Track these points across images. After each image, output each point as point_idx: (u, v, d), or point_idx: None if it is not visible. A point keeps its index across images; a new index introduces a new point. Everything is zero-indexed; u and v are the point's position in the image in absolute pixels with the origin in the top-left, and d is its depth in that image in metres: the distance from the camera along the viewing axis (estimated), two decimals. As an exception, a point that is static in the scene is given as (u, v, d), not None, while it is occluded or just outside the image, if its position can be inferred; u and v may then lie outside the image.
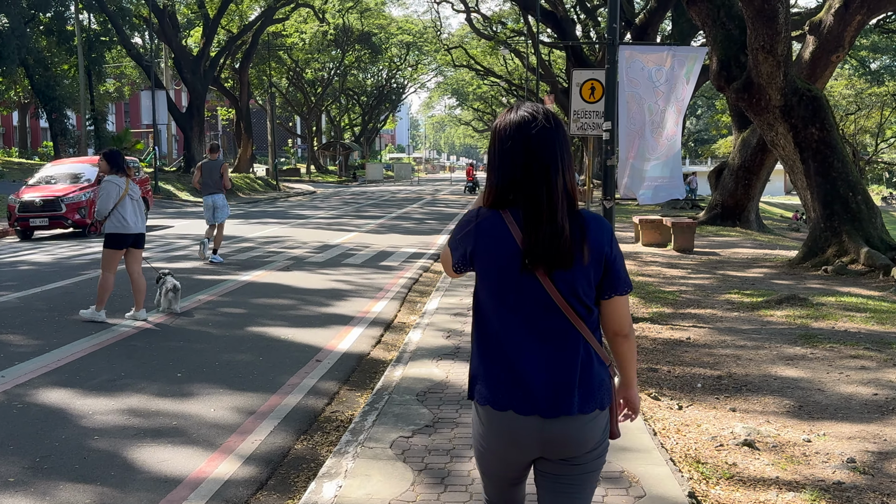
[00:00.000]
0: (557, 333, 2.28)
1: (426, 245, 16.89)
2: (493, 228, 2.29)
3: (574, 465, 2.32)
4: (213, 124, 74.68)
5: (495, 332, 2.31)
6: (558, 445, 2.28)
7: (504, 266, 2.27)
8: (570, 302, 2.27)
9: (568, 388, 2.25)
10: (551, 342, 2.28)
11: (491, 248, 2.28)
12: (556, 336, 2.28)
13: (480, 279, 2.34)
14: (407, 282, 11.78)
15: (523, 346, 2.28)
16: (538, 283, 2.26)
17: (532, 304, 2.28)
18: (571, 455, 2.30)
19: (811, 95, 13.29)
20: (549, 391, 2.25)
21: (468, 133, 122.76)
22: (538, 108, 2.32)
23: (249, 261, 13.68)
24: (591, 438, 2.29)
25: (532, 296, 2.27)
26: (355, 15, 57.97)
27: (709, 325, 8.67)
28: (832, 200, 13.11)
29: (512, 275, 2.27)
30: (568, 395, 2.24)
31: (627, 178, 9.13)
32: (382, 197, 38.09)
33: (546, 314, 2.28)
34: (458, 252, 2.35)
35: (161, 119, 35.50)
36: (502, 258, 2.27)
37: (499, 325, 2.31)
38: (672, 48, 8.78)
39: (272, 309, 9.48)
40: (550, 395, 2.25)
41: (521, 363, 2.27)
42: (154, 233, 18.66)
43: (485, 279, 2.33)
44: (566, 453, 2.29)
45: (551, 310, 2.27)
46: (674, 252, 15.86)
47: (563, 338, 2.28)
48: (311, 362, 7.05)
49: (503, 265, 2.27)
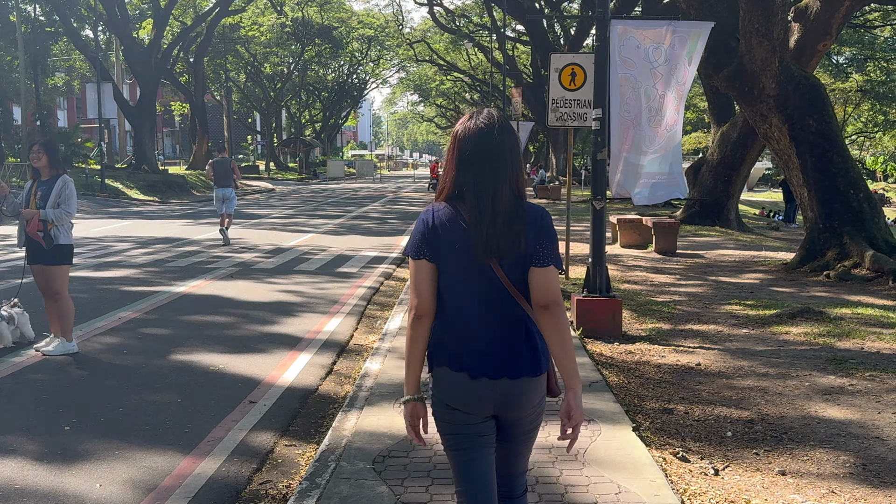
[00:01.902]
0: (506, 310, 2.55)
1: (388, 247, 15.52)
2: (449, 220, 2.54)
3: (521, 423, 2.62)
4: (168, 120, 72.44)
5: (453, 309, 2.56)
6: (509, 404, 2.56)
7: (459, 251, 2.52)
8: (515, 285, 2.53)
9: (514, 354, 2.54)
10: (500, 318, 2.55)
11: (447, 236, 2.53)
12: (505, 312, 2.55)
13: (439, 263, 2.55)
14: (366, 292, 10.42)
15: (477, 320, 2.55)
16: (488, 267, 2.52)
17: (484, 285, 2.53)
18: (520, 414, 2.59)
19: (808, 84, 12.16)
20: (496, 359, 2.53)
21: (431, 130, 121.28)
22: (493, 117, 2.59)
23: (189, 268, 12.20)
24: (531, 399, 2.57)
25: (483, 277, 2.53)
26: (315, 8, 56.26)
27: (717, 345, 7.44)
28: (832, 198, 12.00)
29: (467, 259, 2.52)
30: (514, 361, 2.53)
31: (621, 174, 7.86)
32: (343, 195, 36.55)
33: (496, 293, 2.54)
34: (417, 240, 2.58)
35: (108, 113, 33.63)
36: (457, 244, 2.52)
37: (456, 302, 2.56)
38: (672, 23, 7.53)
39: (205, 329, 8.05)
40: (498, 362, 2.53)
41: (476, 336, 2.54)
42: (91, 233, 17.04)
43: (443, 262, 2.55)
44: (515, 411, 2.58)
45: (500, 290, 2.53)
46: (656, 254, 14.68)
47: (511, 314, 2.55)
48: (244, 403, 5.67)
49: (458, 250, 2.52)
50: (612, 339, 7.65)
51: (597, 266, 7.94)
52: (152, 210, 26.15)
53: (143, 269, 11.99)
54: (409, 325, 2.58)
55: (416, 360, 2.59)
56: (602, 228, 7.96)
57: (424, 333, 2.56)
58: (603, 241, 7.97)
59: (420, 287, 2.54)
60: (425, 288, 2.54)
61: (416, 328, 2.55)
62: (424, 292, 2.53)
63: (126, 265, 12.33)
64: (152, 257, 13.39)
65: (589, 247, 8.11)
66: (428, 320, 2.55)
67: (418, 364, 2.59)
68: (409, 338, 2.58)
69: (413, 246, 2.57)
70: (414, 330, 2.56)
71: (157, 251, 14.29)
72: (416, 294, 2.54)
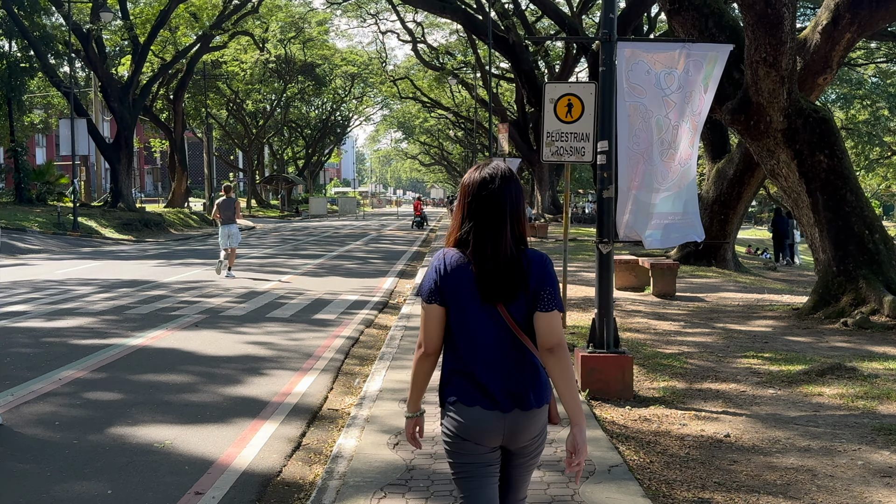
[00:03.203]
0: (513, 347, 2.74)
1: (370, 290, 14.55)
2: (458, 264, 2.74)
3: (525, 455, 2.81)
4: (148, 157, 71.49)
5: (464, 347, 2.75)
6: (518, 434, 2.73)
7: (467, 294, 2.72)
8: (519, 325, 2.73)
9: (524, 389, 2.72)
10: (508, 354, 2.73)
11: (456, 280, 2.73)
12: (512, 349, 2.74)
13: (449, 305, 2.75)
14: (344, 343, 9.44)
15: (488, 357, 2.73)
16: (494, 309, 2.72)
17: (491, 325, 2.72)
18: (525, 442, 2.77)
19: (818, 117, 11.40)
20: (507, 393, 2.71)
21: (415, 167, 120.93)
22: (498, 168, 2.80)
23: (152, 315, 11.17)
24: (537, 427, 2.76)
25: (491, 318, 2.72)
26: (298, 45, 55.69)
27: (744, 409, 6.51)
28: (846, 240, 11.17)
29: (475, 301, 2.72)
30: (524, 395, 2.71)
31: (629, 214, 6.97)
32: (325, 233, 35.56)
33: (503, 333, 2.73)
34: (429, 286, 2.77)
35: (81, 150, 32.55)
36: (465, 288, 2.72)
37: (466, 341, 2.74)
38: (686, 45, 6.70)
39: (158, 391, 7.03)
40: (509, 397, 2.70)
41: (488, 372, 2.72)
42: (54, 276, 15.97)
43: (453, 304, 2.74)
44: (522, 441, 2.76)
45: (506, 329, 2.73)
46: (654, 297, 13.80)
47: (518, 350, 2.74)
48: (189, 495, 4.66)
49: (467, 293, 2.72)
50: (622, 402, 6.71)
51: (603, 317, 7.02)
52: (125, 250, 25.08)
53: (100, 317, 10.96)
54: (416, 360, 2.82)
55: (420, 387, 2.87)
56: (609, 275, 7.05)
57: (430, 369, 2.82)
58: (610, 290, 7.05)
59: (430, 329, 2.77)
60: (434, 329, 2.76)
61: (424, 364, 2.82)
62: (433, 333, 2.76)
63: (82, 313, 11.29)
64: (113, 303, 12.35)
65: (593, 292, 7.21)
66: (435, 358, 2.81)
67: (422, 390, 2.88)
68: (415, 371, 2.84)
69: (426, 291, 2.77)
70: (421, 365, 2.82)
71: (120, 296, 13.25)
72: (425, 334, 2.78)
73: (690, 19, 12.55)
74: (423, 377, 2.82)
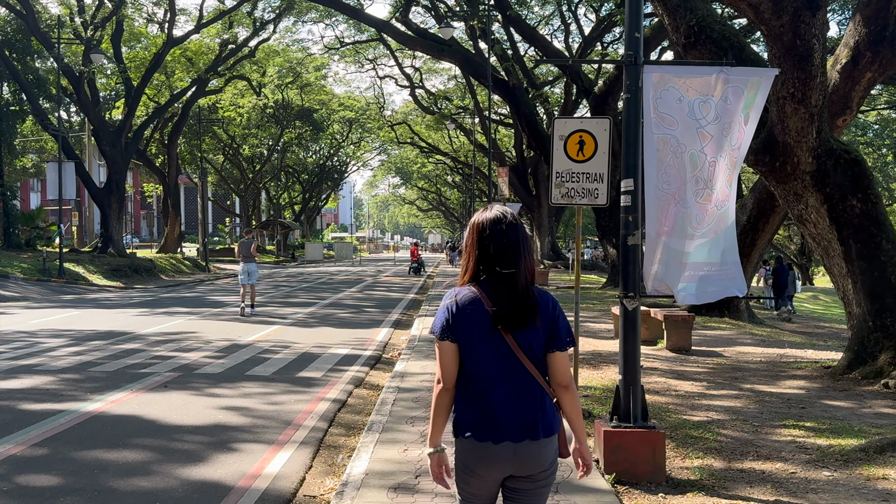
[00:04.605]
0: (520, 378, 2.89)
1: (362, 343, 13.49)
2: (470, 301, 2.90)
3: (535, 482, 2.92)
4: (141, 201, 70.70)
5: (476, 381, 2.89)
6: (526, 464, 2.87)
7: (480, 329, 2.87)
8: (527, 355, 2.89)
9: (532, 419, 2.87)
10: (519, 387, 2.88)
11: (469, 317, 2.88)
12: (522, 382, 2.89)
13: (462, 341, 2.89)
14: (329, 408, 8.37)
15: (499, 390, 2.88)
16: (504, 343, 2.87)
17: (502, 359, 2.88)
18: (534, 472, 2.89)
19: (850, 158, 10.48)
20: (517, 423, 2.86)
21: (412, 212, 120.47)
22: (505, 210, 2.98)
23: (118, 373, 10.09)
24: (547, 457, 2.90)
25: (502, 352, 2.88)
26: (295, 90, 55.26)
27: (799, 498, 5.43)
28: (882, 292, 10.17)
29: (485, 333, 2.87)
30: (533, 425, 2.86)
31: (659, 264, 5.97)
32: (319, 279, 34.51)
33: (514, 366, 2.88)
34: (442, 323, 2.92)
35: (69, 194, 31.66)
36: (477, 321, 2.87)
37: (478, 375, 2.89)
38: (724, 69, 5.78)
39: (103, 474, 5.94)
40: (519, 427, 2.86)
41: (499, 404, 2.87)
42: (26, 326, 14.90)
43: (465, 340, 2.89)
44: (530, 470, 2.88)
45: (517, 362, 2.88)
46: (668, 352, 12.73)
47: (528, 383, 2.89)
48: None
49: (479, 329, 2.87)
50: (654, 487, 5.64)
51: (629, 385, 5.98)
52: (109, 297, 24.01)
53: (60, 375, 9.88)
54: (436, 395, 2.95)
55: (441, 422, 2.97)
56: (636, 335, 6.03)
57: (450, 402, 2.95)
58: (637, 352, 6.03)
59: (445, 364, 2.93)
60: (450, 364, 2.93)
61: (444, 398, 2.94)
62: (449, 368, 2.93)
63: (42, 370, 10.22)
64: (79, 358, 11.27)
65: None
66: (453, 391, 2.95)
67: (443, 425, 2.97)
68: (436, 404, 2.95)
69: (439, 328, 2.92)
70: (441, 399, 2.94)
71: (89, 350, 12.16)
72: (442, 370, 2.93)
73: (708, 53, 11.68)
74: (444, 411, 2.95)
